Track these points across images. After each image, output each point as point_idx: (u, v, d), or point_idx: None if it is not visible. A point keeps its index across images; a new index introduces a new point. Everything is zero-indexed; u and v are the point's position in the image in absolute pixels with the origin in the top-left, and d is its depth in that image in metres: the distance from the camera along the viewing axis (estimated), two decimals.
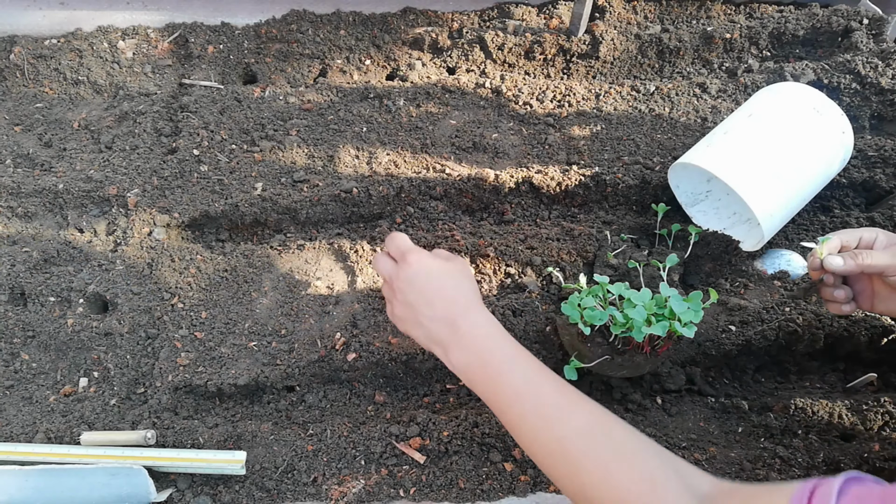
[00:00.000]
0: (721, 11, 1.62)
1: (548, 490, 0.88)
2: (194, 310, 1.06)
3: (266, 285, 1.10)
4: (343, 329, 1.05)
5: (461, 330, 0.75)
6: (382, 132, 1.34)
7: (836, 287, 0.88)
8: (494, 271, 1.13)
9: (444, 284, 0.78)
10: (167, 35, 1.52)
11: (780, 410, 1.00)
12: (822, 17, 1.52)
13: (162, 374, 0.99)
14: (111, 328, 1.05)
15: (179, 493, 0.88)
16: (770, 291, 1.12)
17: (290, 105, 1.38)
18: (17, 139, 1.33)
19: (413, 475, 0.90)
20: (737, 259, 1.17)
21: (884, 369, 1.06)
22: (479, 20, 1.60)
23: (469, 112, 1.40)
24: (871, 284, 0.87)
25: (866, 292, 0.88)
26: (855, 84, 1.39)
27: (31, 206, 1.21)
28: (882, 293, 0.86)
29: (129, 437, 0.90)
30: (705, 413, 1.00)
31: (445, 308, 0.77)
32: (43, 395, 1.01)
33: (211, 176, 1.25)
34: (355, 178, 1.24)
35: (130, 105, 1.37)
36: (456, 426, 0.93)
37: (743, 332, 1.03)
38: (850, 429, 0.97)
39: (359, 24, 1.56)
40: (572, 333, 0.98)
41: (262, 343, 1.03)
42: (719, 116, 1.38)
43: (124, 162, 1.26)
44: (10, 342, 1.05)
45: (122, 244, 1.15)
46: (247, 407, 1.00)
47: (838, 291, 0.87)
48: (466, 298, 0.78)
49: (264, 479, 0.88)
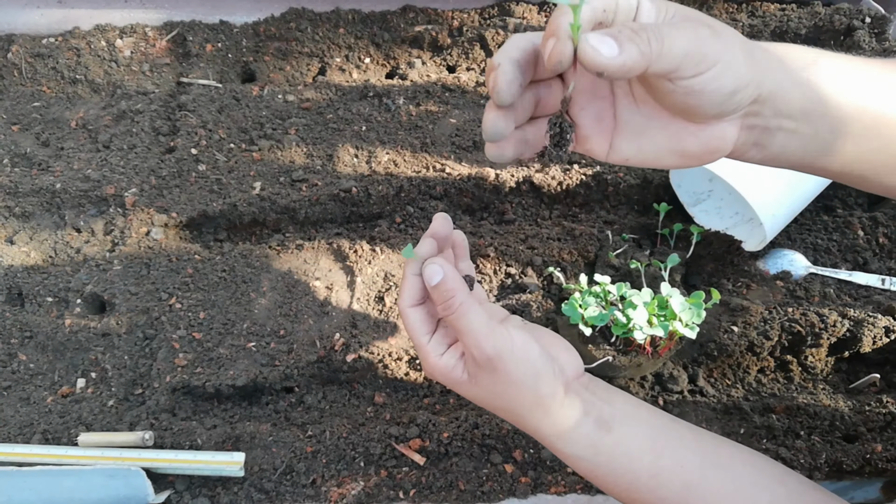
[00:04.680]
0: (723, 10, 1.61)
1: (548, 492, 0.88)
2: (192, 310, 1.05)
3: (265, 285, 1.10)
4: (342, 329, 1.04)
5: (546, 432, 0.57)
6: (382, 131, 1.33)
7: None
8: (495, 271, 1.13)
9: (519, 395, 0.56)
10: (165, 33, 1.51)
11: (783, 411, 0.99)
12: (825, 15, 1.51)
13: (160, 375, 0.98)
14: (109, 329, 1.04)
15: (178, 495, 0.88)
16: (773, 291, 1.12)
17: (288, 104, 1.37)
18: (14, 138, 1.33)
19: (413, 477, 0.89)
20: (739, 259, 1.16)
21: (887, 370, 1.05)
22: (480, 18, 1.59)
23: (469, 111, 1.39)
24: (613, 100, 0.49)
25: (603, 118, 0.50)
26: None
27: (28, 205, 1.20)
28: (632, 121, 0.49)
29: (126, 438, 0.89)
30: (707, 414, 1.00)
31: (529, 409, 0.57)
32: (40, 395, 1.00)
33: (209, 175, 1.24)
34: (354, 177, 1.24)
35: (128, 104, 1.36)
36: (456, 427, 0.93)
37: (745, 332, 1.02)
38: (853, 430, 0.97)
39: (358, 22, 1.55)
40: (573, 334, 0.98)
41: (260, 344, 1.02)
42: None
43: (122, 161, 1.26)
44: (8, 343, 1.05)
45: (119, 244, 1.14)
46: (245, 408, 0.99)
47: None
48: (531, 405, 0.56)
49: (263, 480, 0.88)
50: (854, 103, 0.47)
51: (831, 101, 0.47)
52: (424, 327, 0.57)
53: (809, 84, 0.46)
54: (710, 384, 1.05)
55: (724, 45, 0.42)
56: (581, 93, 0.49)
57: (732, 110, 0.45)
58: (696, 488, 0.55)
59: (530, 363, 0.53)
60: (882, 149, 0.49)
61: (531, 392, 0.54)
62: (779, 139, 0.48)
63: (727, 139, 0.47)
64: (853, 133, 0.48)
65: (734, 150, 0.48)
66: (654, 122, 0.47)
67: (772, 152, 0.49)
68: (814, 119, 0.47)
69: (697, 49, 0.40)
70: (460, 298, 0.52)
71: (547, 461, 0.91)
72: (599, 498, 0.88)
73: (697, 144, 0.47)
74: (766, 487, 0.55)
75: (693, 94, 0.42)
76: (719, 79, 0.42)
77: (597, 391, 0.58)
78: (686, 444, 0.57)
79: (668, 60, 0.40)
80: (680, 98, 0.43)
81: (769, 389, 1.04)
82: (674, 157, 0.48)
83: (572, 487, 0.88)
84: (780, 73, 0.46)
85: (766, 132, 0.47)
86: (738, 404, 1.00)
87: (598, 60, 0.39)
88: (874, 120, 0.48)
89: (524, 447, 0.92)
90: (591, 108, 0.49)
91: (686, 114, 0.45)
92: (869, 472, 0.92)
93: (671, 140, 0.47)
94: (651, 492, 0.56)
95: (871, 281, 1.13)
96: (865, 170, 0.50)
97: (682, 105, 0.44)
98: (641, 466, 0.55)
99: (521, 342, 0.53)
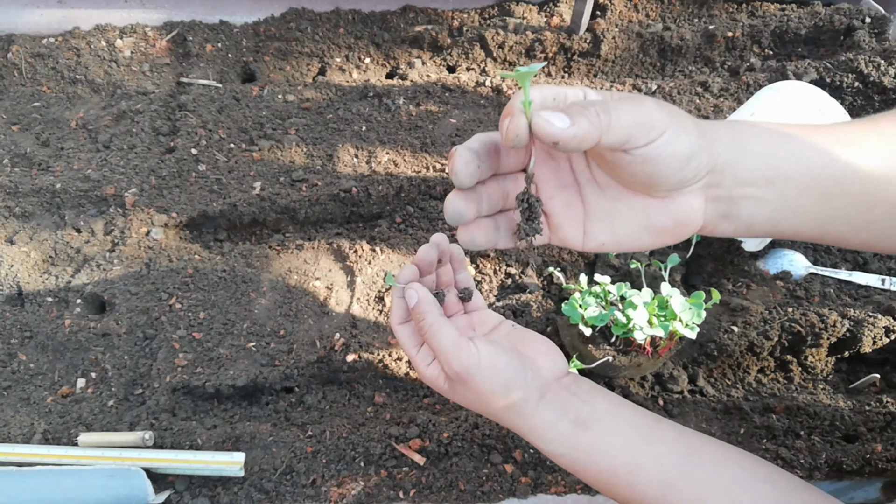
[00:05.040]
0: (723, 10, 1.61)
1: (548, 492, 0.88)
2: (192, 310, 1.05)
3: (265, 285, 1.10)
4: (342, 329, 1.04)
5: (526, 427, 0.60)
6: (382, 131, 1.33)
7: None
8: (495, 271, 1.13)
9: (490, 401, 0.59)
10: (165, 33, 1.51)
11: (783, 411, 0.99)
12: (825, 15, 1.51)
13: (160, 375, 0.98)
14: (109, 329, 1.04)
15: (178, 495, 0.88)
16: (772, 292, 1.12)
17: (288, 104, 1.37)
18: (14, 138, 1.33)
19: (413, 477, 0.89)
20: (739, 259, 1.16)
21: (887, 370, 1.05)
22: (480, 18, 1.59)
23: (469, 111, 1.39)
24: (579, 188, 0.51)
25: (571, 204, 0.51)
26: (857, 83, 1.38)
27: (28, 205, 1.20)
28: (600, 205, 0.50)
29: (126, 438, 0.89)
30: (707, 414, 1.00)
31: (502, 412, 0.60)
32: (40, 395, 1.00)
33: (209, 175, 1.24)
34: (354, 177, 1.24)
35: (128, 104, 1.36)
36: (456, 427, 0.93)
37: (745, 332, 1.02)
38: (853, 430, 0.97)
39: (358, 22, 1.55)
40: (573, 334, 0.98)
41: (260, 344, 1.02)
42: (721, 115, 1.37)
43: (122, 161, 1.25)
44: (8, 343, 1.05)
45: (119, 244, 1.14)
46: (245, 408, 0.99)
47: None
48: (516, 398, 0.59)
49: (263, 480, 0.88)
50: (813, 167, 0.48)
51: (790, 167, 0.48)
52: (412, 341, 0.62)
53: (766, 152, 0.48)
54: (710, 384, 1.05)
55: (669, 114, 0.44)
56: (546, 183, 0.51)
57: (692, 178, 0.46)
58: (675, 485, 0.56)
59: (497, 375, 0.56)
60: (849, 207, 0.49)
61: (502, 399, 0.57)
62: (746, 208, 0.48)
63: (695, 211, 0.48)
64: (818, 194, 0.48)
65: (705, 223, 0.49)
66: (622, 204, 0.49)
67: (743, 222, 0.49)
68: (776, 184, 0.48)
69: (646, 119, 0.42)
70: (430, 319, 0.57)
71: (547, 461, 0.91)
72: (599, 498, 0.88)
73: (667, 219, 0.48)
74: (750, 486, 0.56)
75: (649, 161, 0.44)
76: (671, 144, 0.43)
77: (578, 392, 0.60)
78: (667, 442, 0.58)
79: (619, 131, 0.42)
80: (639, 168, 0.44)
81: (769, 389, 1.04)
82: (647, 234, 0.49)
83: (572, 488, 0.88)
84: (733, 144, 0.47)
85: (732, 202, 0.48)
86: (738, 404, 1.00)
87: (551, 131, 0.41)
88: (836, 181, 0.48)
89: (524, 447, 0.92)
90: (558, 196, 0.51)
91: (648, 187, 0.47)
92: (869, 472, 0.92)
93: (641, 218, 0.49)
94: (630, 487, 0.57)
95: (871, 281, 1.13)
96: (842, 230, 0.51)
97: (642, 177, 0.45)
98: (619, 463, 0.57)
99: (487, 357, 0.56)
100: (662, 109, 0.44)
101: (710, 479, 0.56)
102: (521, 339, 0.63)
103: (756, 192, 0.48)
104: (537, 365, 0.60)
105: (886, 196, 0.49)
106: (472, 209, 0.48)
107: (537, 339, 0.63)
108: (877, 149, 0.49)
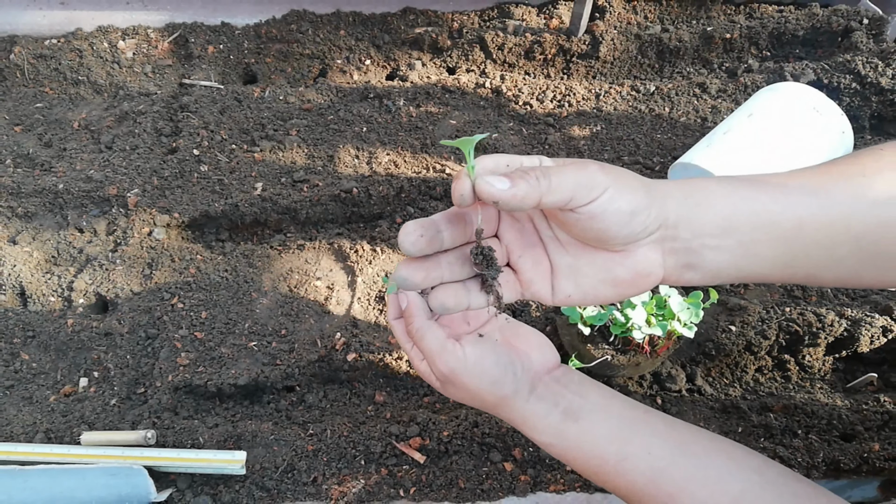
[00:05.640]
0: (721, 11, 1.62)
1: (548, 490, 0.88)
2: (194, 310, 1.06)
3: (266, 285, 1.10)
4: (343, 329, 1.05)
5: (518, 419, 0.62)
6: (382, 132, 1.34)
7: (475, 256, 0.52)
8: None
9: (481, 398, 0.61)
10: (167, 35, 1.52)
11: (780, 410, 1.00)
12: (822, 17, 1.52)
13: (162, 374, 0.99)
14: (111, 328, 1.05)
15: (179, 493, 0.88)
16: (770, 291, 1.12)
17: (289, 105, 1.38)
18: (17, 139, 1.33)
19: (413, 475, 0.90)
20: None
21: (884, 369, 1.06)
22: (479, 20, 1.60)
23: (469, 112, 1.40)
24: (544, 247, 0.55)
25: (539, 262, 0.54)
26: (855, 84, 1.39)
27: (31, 206, 1.21)
28: (564, 261, 0.54)
29: (129, 437, 0.90)
30: (705, 413, 1.00)
31: (494, 407, 0.62)
32: (43, 395, 1.01)
33: (211, 176, 1.25)
34: (355, 178, 1.24)
35: (130, 105, 1.37)
36: (456, 426, 0.93)
37: (743, 331, 1.03)
38: (851, 429, 0.97)
39: (359, 24, 1.56)
40: (572, 333, 0.98)
41: (262, 343, 1.03)
42: (719, 116, 1.38)
43: (124, 162, 1.26)
44: (11, 342, 1.05)
45: (122, 244, 1.15)
46: (247, 407, 1.00)
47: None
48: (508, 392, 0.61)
49: (264, 478, 0.88)
50: (767, 214, 0.50)
51: (744, 217, 0.50)
52: (406, 336, 0.63)
53: (719, 204, 0.50)
54: (709, 383, 1.06)
55: (613, 175, 0.47)
56: (514, 243, 0.55)
57: (640, 231, 0.49)
58: (664, 474, 0.57)
59: (485, 374, 0.58)
60: (811, 249, 0.51)
61: (491, 395, 0.59)
62: (708, 256, 0.51)
63: (652, 263, 0.51)
64: (776, 239, 0.50)
65: (667, 274, 0.52)
66: (583, 260, 0.53)
67: (709, 270, 0.52)
68: (732, 232, 0.50)
69: (586, 180, 0.46)
70: (417, 324, 0.58)
71: (546, 459, 0.92)
72: (598, 496, 0.88)
73: (626, 272, 0.51)
74: (740, 476, 0.57)
75: (595, 217, 0.47)
76: (614, 201, 0.47)
77: (569, 384, 0.62)
78: (657, 433, 0.59)
79: (560, 192, 0.46)
80: (587, 224, 0.48)
81: (767, 388, 1.05)
82: (608, 287, 0.53)
83: (571, 486, 0.89)
84: (686, 200, 0.50)
85: (693, 252, 0.51)
86: (736, 403, 1.01)
87: (492, 192, 0.46)
88: (792, 226, 0.50)
89: (523, 445, 0.93)
90: (527, 255, 0.55)
91: (601, 241, 0.50)
92: (866, 470, 0.93)
93: (602, 272, 0.52)
94: (620, 476, 0.58)
95: None
96: (810, 270, 0.52)
97: (592, 232, 0.49)
98: (608, 452, 0.58)
99: (473, 358, 0.58)
100: (605, 171, 0.48)
101: (700, 469, 0.57)
102: (513, 332, 0.64)
103: (715, 242, 0.50)
104: (529, 358, 0.61)
105: (847, 237, 0.50)
106: (418, 275, 0.52)
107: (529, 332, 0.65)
108: (832, 190, 0.51)
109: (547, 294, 0.55)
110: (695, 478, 0.57)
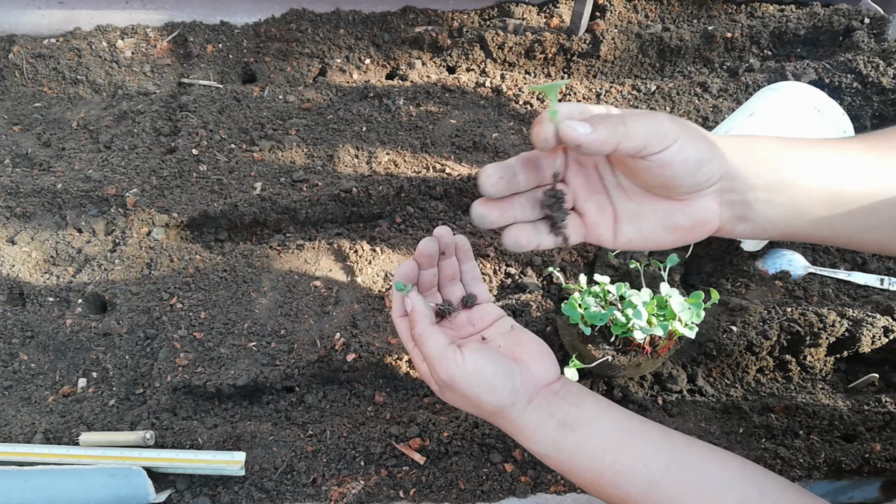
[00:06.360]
0: (722, 10, 1.62)
1: (548, 491, 0.88)
2: (193, 310, 1.06)
3: (265, 285, 1.10)
4: (343, 329, 1.04)
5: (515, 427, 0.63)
6: (382, 132, 1.34)
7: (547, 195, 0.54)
8: (495, 271, 1.13)
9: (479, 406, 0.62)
10: (166, 34, 1.52)
11: (782, 411, 0.99)
12: (824, 16, 1.51)
13: (161, 375, 0.98)
14: (110, 328, 1.04)
15: (178, 494, 0.88)
16: (771, 291, 1.12)
17: (289, 104, 1.38)
18: (15, 139, 1.33)
19: (413, 476, 0.90)
20: (738, 259, 1.17)
21: (886, 369, 1.06)
22: (480, 19, 1.59)
23: (469, 111, 1.39)
24: (608, 193, 0.56)
25: (603, 207, 0.56)
26: (856, 83, 1.39)
27: (29, 205, 1.21)
28: (627, 208, 0.55)
29: (127, 437, 0.90)
30: (706, 413, 1.00)
31: (491, 416, 0.63)
32: (41, 395, 1.01)
33: (210, 175, 1.24)
34: (355, 177, 1.24)
35: (129, 104, 1.37)
36: (456, 427, 0.93)
37: (744, 332, 1.02)
38: (852, 429, 0.97)
39: (358, 23, 1.56)
40: (573, 334, 0.98)
41: (261, 343, 1.03)
42: (720, 116, 1.37)
43: (123, 161, 1.26)
44: (9, 342, 1.05)
45: (120, 244, 1.14)
46: (246, 407, 1.00)
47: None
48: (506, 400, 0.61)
49: (263, 479, 0.88)
50: (818, 174, 0.54)
51: (795, 174, 0.53)
52: (409, 335, 0.64)
53: (773, 160, 0.54)
54: (710, 384, 1.05)
55: (680, 126, 0.50)
56: (580, 189, 0.57)
57: (704, 181, 0.51)
58: (659, 485, 0.57)
59: (483, 382, 0.59)
60: (855, 212, 0.54)
61: (489, 404, 0.59)
62: (759, 210, 0.54)
63: (711, 212, 0.54)
64: (824, 199, 0.54)
65: (722, 225, 0.55)
66: (646, 207, 0.55)
67: (759, 224, 0.55)
68: (784, 189, 0.53)
69: (658, 129, 0.48)
70: (419, 329, 0.60)
71: None
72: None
73: (686, 219, 0.54)
74: (735, 487, 0.57)
75: (665, 166, 0.50)
76: (684, 150, 0.49)
77: (567, 395, 0.62)
78: (653, 444, 0.59)
79: (636, 139, 0.48)
80: (657, 172, 0.50)
81: (768, 389, 1.05)
82: (668, 233, 0.55)
83: (572, 487, 0.89)
84: (741, 153, 0.53)
85: (746, 206, 0.54)
86: (738, 404, 1.00)
87: (575, 136, 0.47)
88: (839, 188, 0.54)
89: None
90: (592, 200, 0.57)
91: (667, 190, 0.53)
92: (868, 471, 0.93)
93: (663, 218, 0.55)
94: (615, 487, 0.59)
95: (870, 281, 1.13)
96: (850, 233, 0.56)
97: (660, 180, 0.51)
98: (603, 464, 0.59)
99: (472, 366, 0.59)
100: (675, 122, 0.50)
101: (695, 480, 0.57)
102: (516, 341, 0.65)
103: (767, 197, 0.53)
104: (529, 370, 0.62)
105: (887, 204, 0.53)
106: (494, 213, 0.54)
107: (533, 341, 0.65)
108: (882, 158, 0.54)
109: (609, 237, 0.57)
110: (690, 490, 0.57)
